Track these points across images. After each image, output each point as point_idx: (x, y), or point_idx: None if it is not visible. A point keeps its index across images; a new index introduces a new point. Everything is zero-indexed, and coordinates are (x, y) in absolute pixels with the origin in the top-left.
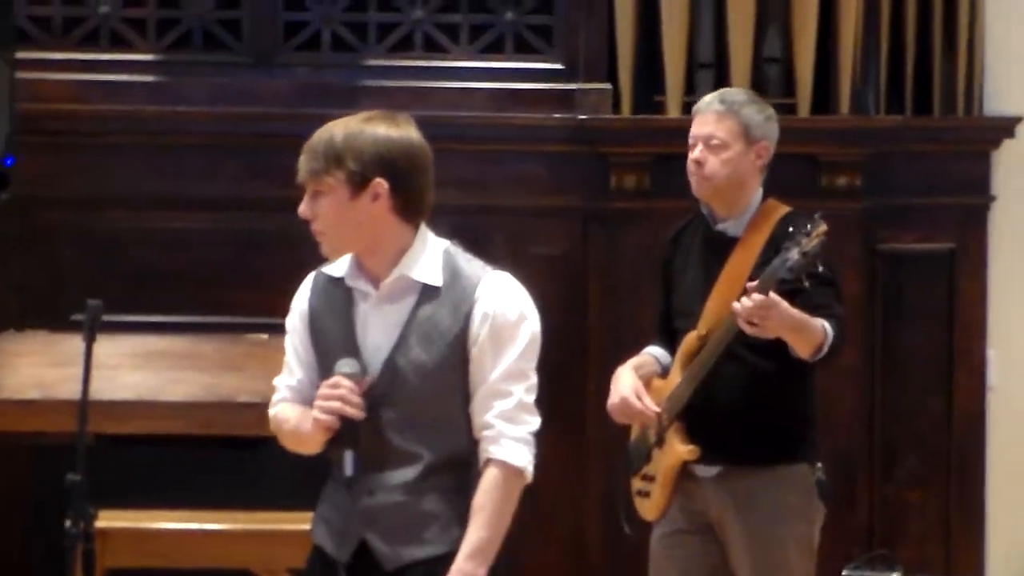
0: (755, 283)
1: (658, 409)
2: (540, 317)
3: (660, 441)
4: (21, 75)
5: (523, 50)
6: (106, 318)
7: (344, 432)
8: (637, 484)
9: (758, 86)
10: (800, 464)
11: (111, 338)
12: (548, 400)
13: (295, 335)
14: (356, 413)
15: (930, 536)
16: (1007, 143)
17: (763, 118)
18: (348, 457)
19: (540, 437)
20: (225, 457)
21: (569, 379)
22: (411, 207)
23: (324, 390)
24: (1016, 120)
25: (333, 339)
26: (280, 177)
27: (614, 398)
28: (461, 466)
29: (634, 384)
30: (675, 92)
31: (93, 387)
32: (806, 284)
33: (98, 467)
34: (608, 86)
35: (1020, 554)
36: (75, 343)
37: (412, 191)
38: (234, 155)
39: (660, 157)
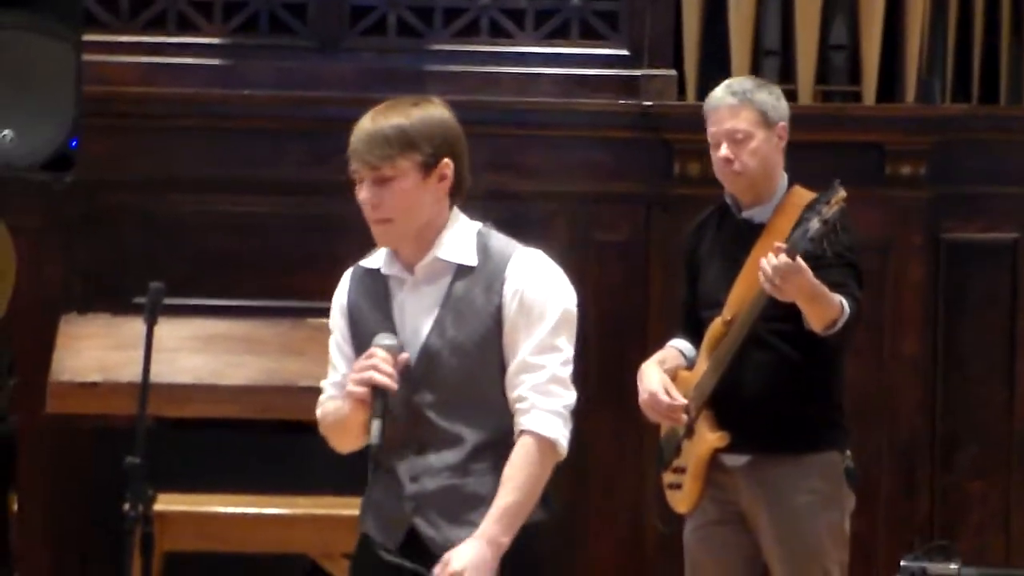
0: (784, 246)
1: (685, 401)
2: (601, 302)
3: (689, 432)
4: (88, 58)
5: (588, 36)
6: (168, 301)
7: (374, 402)
8: (668, 478)
9: (823, 74)
10: (830, 452)
11: (173, 321)
12: (607, 385)
13: (337, 332)
14: (387, 383)
15: (990, 526)
16: None
17: (775, 99)
18: (375, 426)
19: (590, 417)
20: (285, 442)
21: (629, 364)
22: (460, 188)
23: (358, 363)
24: None
25: (372, 329)
26: (344, 162)
27: (643, 395)
28: (504, 446)
29: (661, 378)
30: None
31: (154, 370)
32: (828, 253)
33: (158, 450)
34: (673, 72)
35: None
36: (137, 326)
37: (464, 171)
38: (298, 139)
39: None
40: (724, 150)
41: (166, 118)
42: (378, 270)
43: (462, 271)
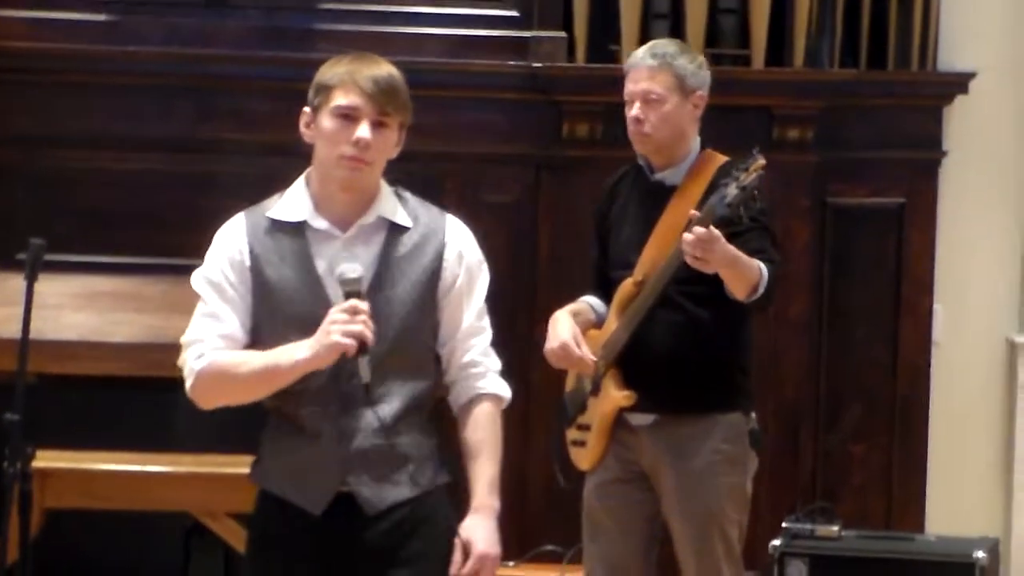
0: (698, 215)
1: (594, 357)
2: (490, 264)
3: (596, 389)
4: None
5: None
6: (53, 258)
7: (359, 348)
8: (572, 434)
9: (713, 37)
10: (734, 413)
11: (57, 278)
12: (495, 347)
13: (226, 283)
14: (372, 338)
15: (872, 488)
16: (960, 99)
17: (696, 67)
18: (364, 363)
19: None
20: (167, 399)
21: (516, 326)
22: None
23: (340, 315)
24: (969, 76)
25: (290, 283)
26: (232, 119)
27: (552, 343)
28: (425, 407)
29: (573, 329)
30: (630, 41)
31: (36, 327)
32: (744, 219)
33: (41, 408)
34: (563, 34)
35: (959, 508)
36: (20, 282)
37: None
38: (186, 96)
39: (613, 106)
40: (636, 109)
41: (52, 73)
42: (300, 223)
43: (395, 230)
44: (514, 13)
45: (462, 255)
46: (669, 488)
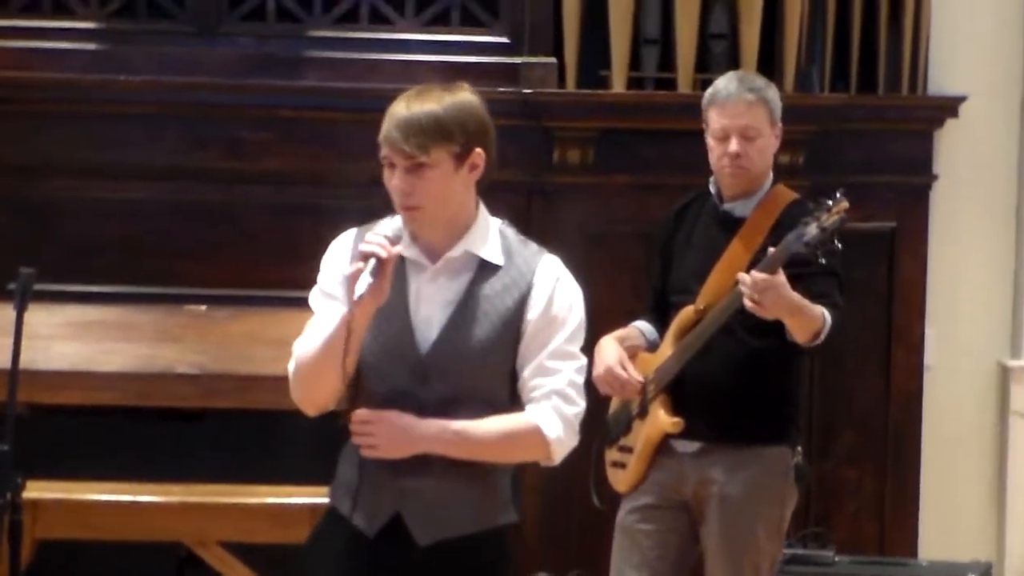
0: (770, 253)
1: (642, 379)
2: None
3: (643, 412)
4: None
5: (468, 23)
6: (43, 287)
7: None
8: (613, 455)
9: (703, 62)
10: (780, 447)
11: (46, 308)
12: None
13: (331, 297)
14: (377, 249)
15: (865, 514)
16: (950, 123)
17: (778, 99)
18: (372, 264)
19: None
20: (160, 429)
21: None
22: (487, 177)
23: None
24: (960, 100)
25: (383, 309)
26: (222, 147)
27: (598, 368)
28: None
29: (619, 354)
30: (620, 67)
31: (27, 357)
32: (821, 260)
33: (32, 438)
34: (553, 60)
35: (952, 533)
36: (10, 312)
37: (492, 161)
38: (176, 124)
39: (604, 132)
40: (734, 145)
41: (41, 103)
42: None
43: (485, 268)
44: (504, 39)
45: (546, 298)
46: (707, 517)
